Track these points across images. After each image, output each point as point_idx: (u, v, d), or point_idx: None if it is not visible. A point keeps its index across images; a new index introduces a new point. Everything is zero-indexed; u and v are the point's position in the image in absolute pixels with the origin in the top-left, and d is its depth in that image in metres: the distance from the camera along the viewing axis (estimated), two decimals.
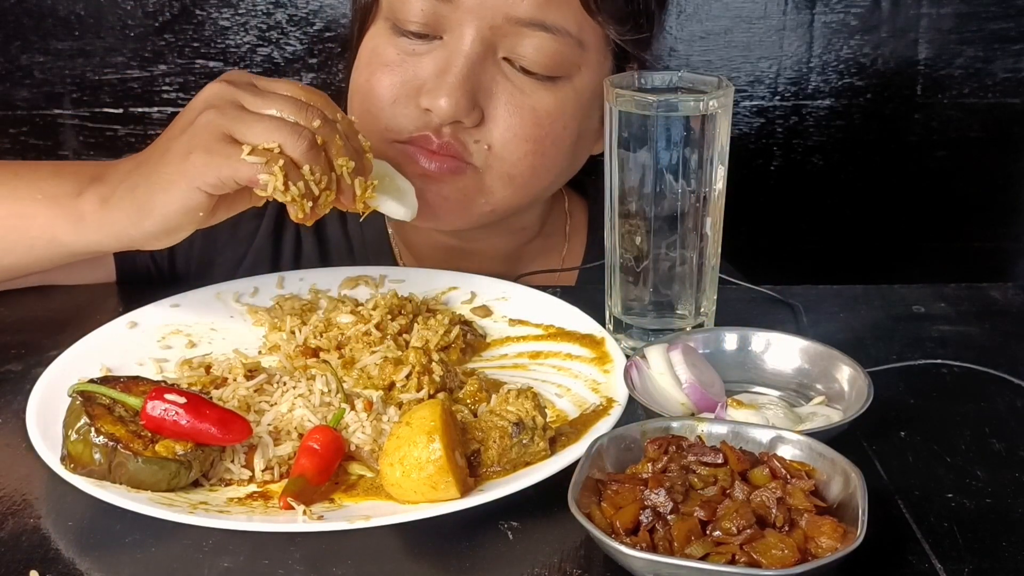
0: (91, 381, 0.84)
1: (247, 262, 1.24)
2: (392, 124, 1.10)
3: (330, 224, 1.27)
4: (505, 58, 1.08)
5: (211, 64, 1.63)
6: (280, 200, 0.92)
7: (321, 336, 1.00)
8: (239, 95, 0.93)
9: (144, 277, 1.19)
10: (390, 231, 1.28)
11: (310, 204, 0.93)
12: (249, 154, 0.90)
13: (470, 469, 0.80)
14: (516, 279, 1.13)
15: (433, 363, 0.92)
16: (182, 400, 0.80)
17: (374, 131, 1.09)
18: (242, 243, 1.24)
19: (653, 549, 0.68)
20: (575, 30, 1.08)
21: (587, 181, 1.28)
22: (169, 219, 0.94)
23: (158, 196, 0.93)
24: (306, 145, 0.91)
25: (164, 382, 0.87)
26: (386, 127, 1.10)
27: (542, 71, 1.08)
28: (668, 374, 0.88)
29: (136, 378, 0.85)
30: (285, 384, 0.90)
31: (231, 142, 0.91)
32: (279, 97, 0.94)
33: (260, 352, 1.01)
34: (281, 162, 0.90)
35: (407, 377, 0.91)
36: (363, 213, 0.99)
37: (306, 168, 0.91)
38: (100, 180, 0.99)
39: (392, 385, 0.91)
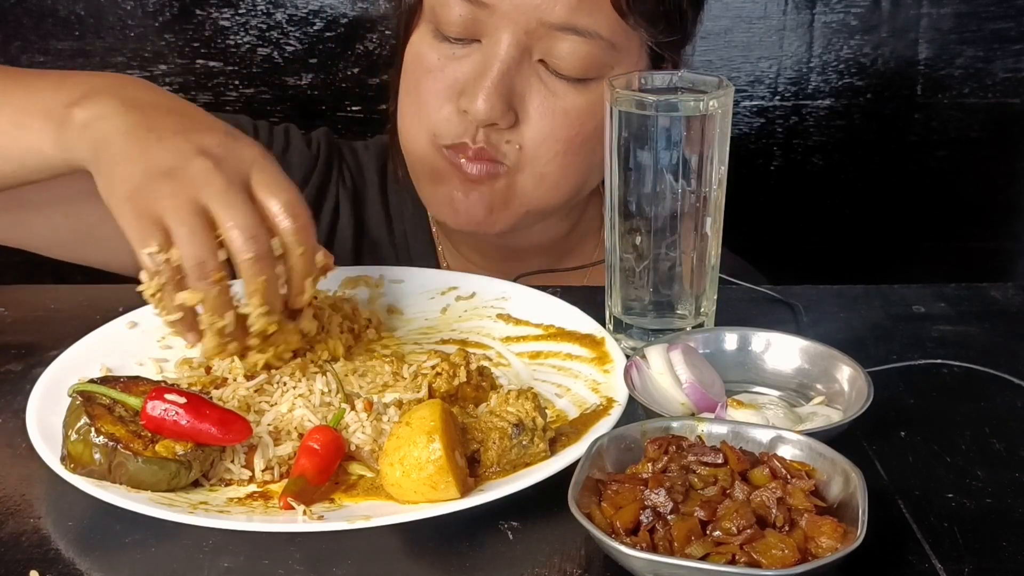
0: (91, 381, 0.84)
1: None
2: (438, 129, 1.14)
3: (373, 218, 1.31)
4: (540, 60, 1.11)
5: (211, 64, 1.63)
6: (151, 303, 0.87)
7: None
8: (216, 181, 0.86)
9: None
10: (433, 229, 1.32)
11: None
12: (154, 252, 0.85)
13: (470, 469, 0.80)
14: (516, 279, 1.13)
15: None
16: (182, 400, 0.80)
17: (424, 134, 1.15)
18: None
19: (653, 549, 0.68)
20: (607, 33, 1.10)
21: None
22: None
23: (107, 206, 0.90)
24: (200, 278, 0.85)
25: (164, 382, 0.87)
26: (434, 133, 1.15)
27: (574, 74, 1.11)
28: (668, 374, 0.88)
29: (136, 378, 0.85)
30: (285, 384, 0.90)
31: (157, 225, 0.85)
32: (241, 209, 0.86)
33: None
34: (164, 278, 0.85)
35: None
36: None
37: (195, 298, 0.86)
38: (90, 100, 0.94)
39: None
